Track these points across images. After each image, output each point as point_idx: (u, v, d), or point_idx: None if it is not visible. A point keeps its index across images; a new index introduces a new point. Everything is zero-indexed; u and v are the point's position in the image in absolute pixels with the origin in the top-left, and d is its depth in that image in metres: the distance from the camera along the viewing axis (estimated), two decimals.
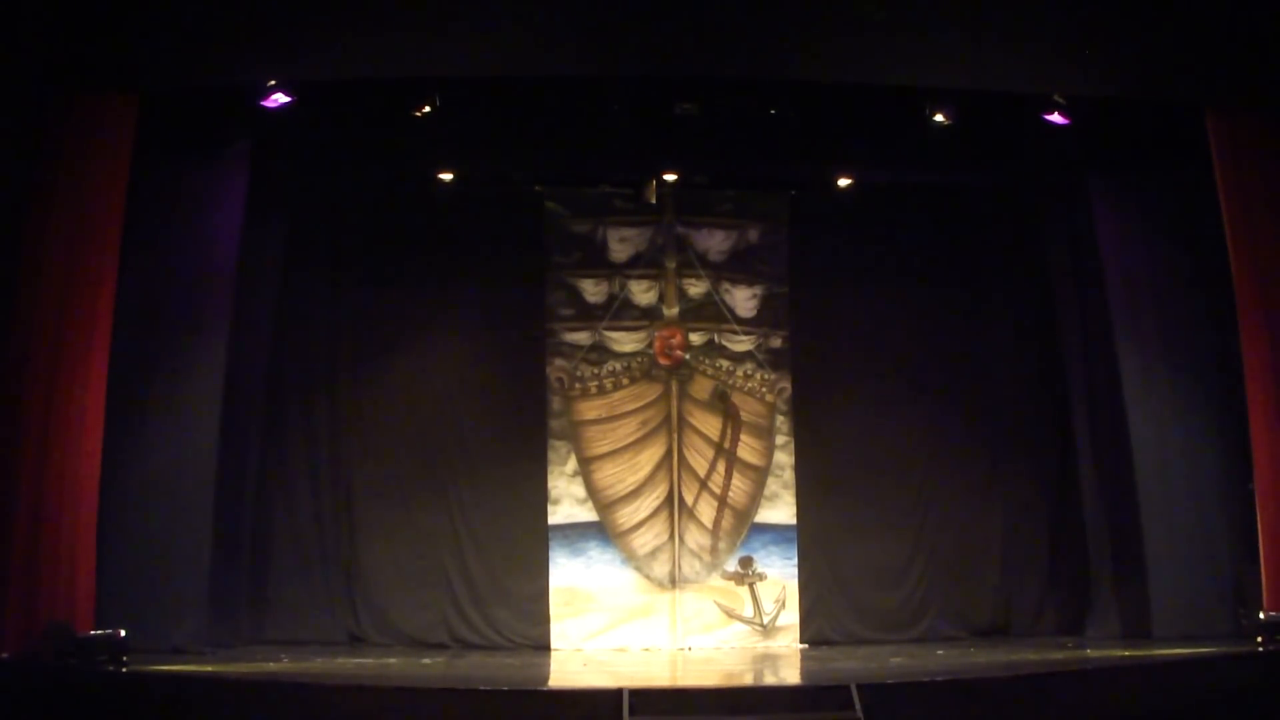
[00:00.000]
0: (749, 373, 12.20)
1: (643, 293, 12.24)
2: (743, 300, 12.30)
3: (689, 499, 11.93)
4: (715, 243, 12.32)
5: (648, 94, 10.58)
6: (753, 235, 12.37)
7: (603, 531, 11.88)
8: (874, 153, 11.46)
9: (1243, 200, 10.03)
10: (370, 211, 12.09)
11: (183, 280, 10.15)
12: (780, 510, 12.06)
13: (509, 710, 7.59)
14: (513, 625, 11.65)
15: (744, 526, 11.96)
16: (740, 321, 12.24)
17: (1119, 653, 9.92)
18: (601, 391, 12.09)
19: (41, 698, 7.93)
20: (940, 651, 10.78)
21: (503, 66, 9.69)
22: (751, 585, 11.88)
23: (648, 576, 11.73)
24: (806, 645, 11.68)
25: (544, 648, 11.52)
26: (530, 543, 11.83)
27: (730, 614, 10.77)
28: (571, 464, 11.96)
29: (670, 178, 11.79)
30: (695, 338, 12.19)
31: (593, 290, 12.20)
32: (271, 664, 9.53)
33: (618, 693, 7.45)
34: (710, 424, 12.12)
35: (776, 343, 12.28)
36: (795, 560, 11.95)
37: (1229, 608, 10.33)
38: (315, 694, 7.91)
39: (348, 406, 11.91)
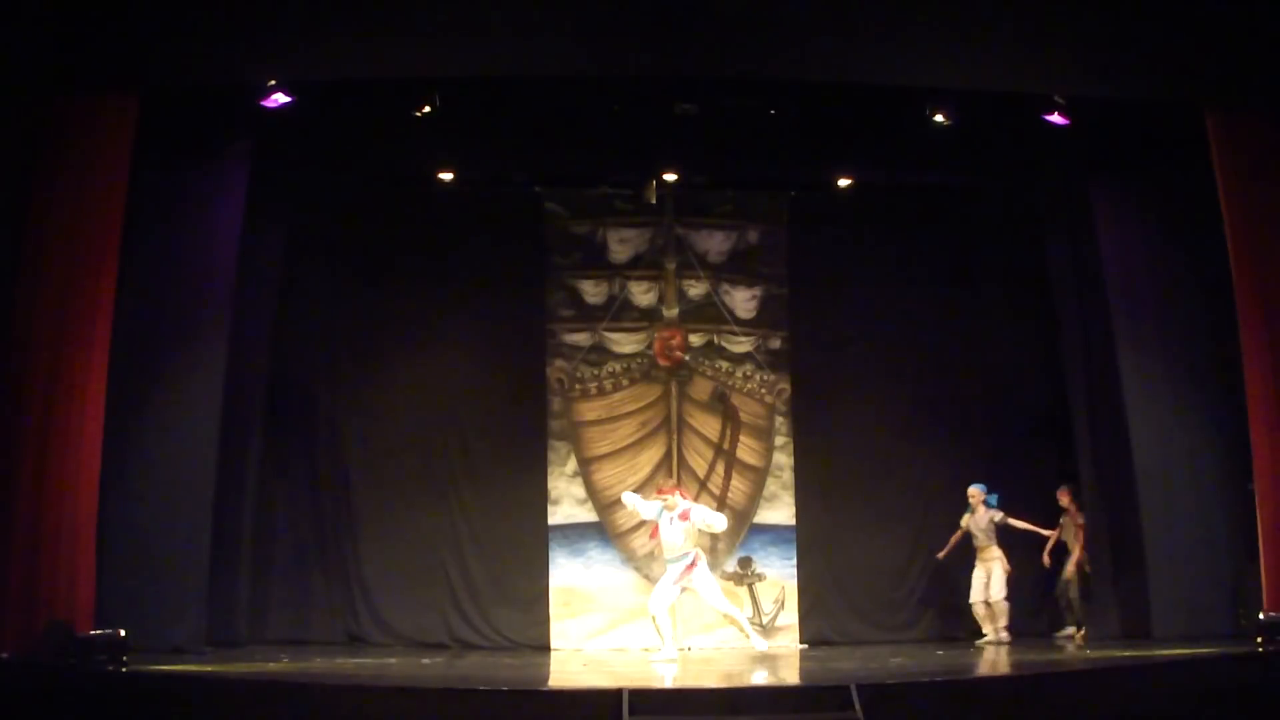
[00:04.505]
0: (748, 374, 12.21)
1: (642, 294, 12.24)
2: (742, 301, 12.31)
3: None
4: (715, 243, 12.33)
5: (648, 94, 10.58)
6: (752, 236, 12.38)
7: (602, 532, 11.89)
8: (874, 153, 11.48)
9: (1243, 201, 10.03)
10: (370, 211, 12.10)
11: (183, 280, 10.14)
12: (779, 511, 12.08)
13: (509, 710, 7.57)
14: (513, 625, 11.67)
15: (743, 527, 11.96)
16: (740, 322, 12.24)
17: (1119, 653, 9.91)
18: (601, 392, 12.10)
19: (41, 698, 7.91)
20: (940, 651, 10.78)
21: (503, 66, 9.70)
22: (750, 585, 11.88)
23: (647, 577, 11.71)
24: (806, 645, 11.68)
25: (544, 648, 11.53)
26: (530, 543, 11.84)
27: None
28: (571, 464, 11.96)
29: (670, 178, 11.80)
30: (695, 339, 12.20)
31: (592, 291, 12.21)
32: (271, 664, 9.52)
33: (618, 693, 7.43)
34: (710, 425, 12.13)
35: (776, 344, 12.28)
36: (794, 560, 11.96)
37: (1229, 608, 10.33)
38: (315, 694, 7.89)
39: (348, 406, 11.93)
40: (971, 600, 11.54)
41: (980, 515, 11.54)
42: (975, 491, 11.62)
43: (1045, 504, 12.13)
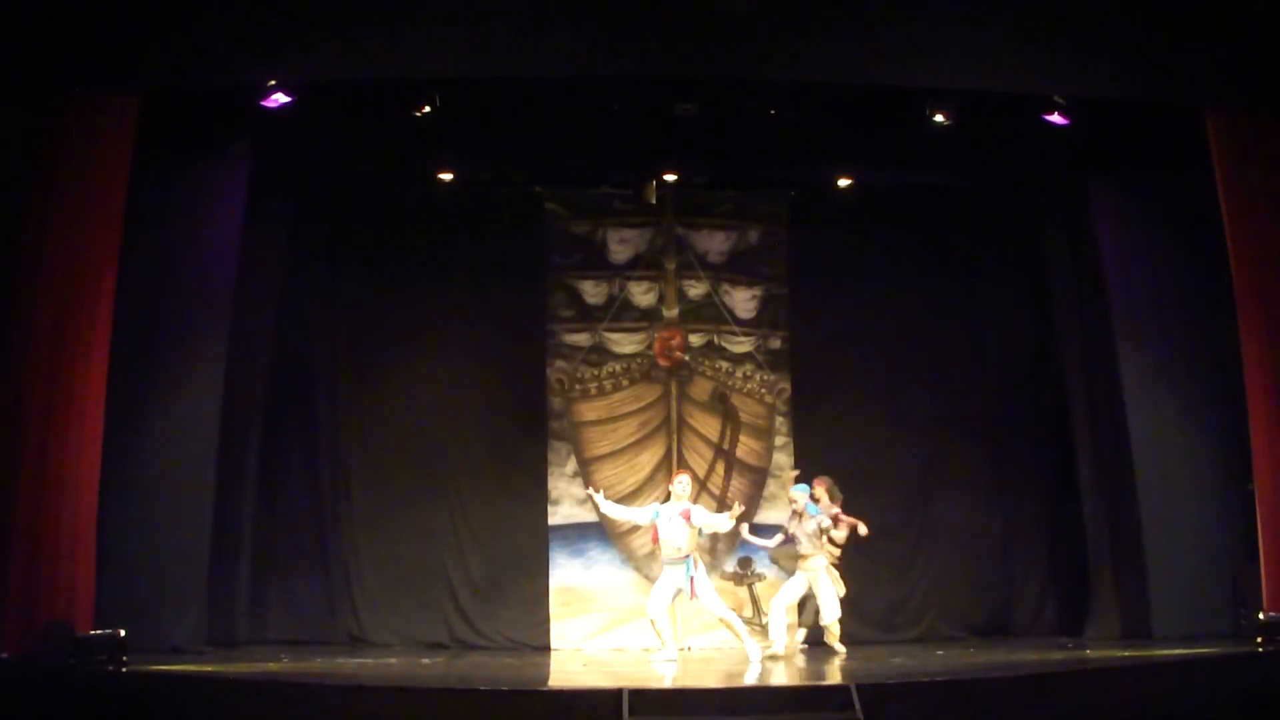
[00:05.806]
0: (748, 374, 12.21)
1: (642, 294, 12.24)
2: (742, 301, 12.31)
3: None
4: (715, 244, 12.34)
5: (648, 94, 10.58)
6: (752, 236, 12.39)
7: (602, 532, 11.88)
8: (874, 153, 11.47)
9: (1243, 201, 10.04)
10: (370, 211, 12.10)
11: (183, 279, 10.15)
12: (779, 511, 12.04)
13: (509, 710, 7.57)
14: (513, 625, 11.66)
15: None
16: (739, 323, 12.24)
17: (1119, 653, 9.91)
18: (601, 393, 12.10)
19: (41, 698, 7.92)
20: (940, 651, 10.77)
21: (503, 66, 9.71)
22: (750, 586, 11.88)
23: (647, 577, 11.69)
24: (806, 645, 11.66)
25: (544, 648, 11.52)
26: (530, 543, 11.84)
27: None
28: (571, 465, 11.96)
29: (670, 178, 11.80)
30: (695, 339, 12.20)
31: (592, 291, 12.21)
32: (271, 664, 9.52)
33: (618, 693, 7.44)
34: (709, 425, 12.13)
35: (776, 344, 12.29)
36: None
37: (1229, 608, 10.33)
38: (315, 694, 7.90)
39: (348, 406, 11.92)
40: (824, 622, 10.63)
41: (807, 522, 10.51)
42: (796, 496, 10.67)
43: (1045, 504, 12.14)
